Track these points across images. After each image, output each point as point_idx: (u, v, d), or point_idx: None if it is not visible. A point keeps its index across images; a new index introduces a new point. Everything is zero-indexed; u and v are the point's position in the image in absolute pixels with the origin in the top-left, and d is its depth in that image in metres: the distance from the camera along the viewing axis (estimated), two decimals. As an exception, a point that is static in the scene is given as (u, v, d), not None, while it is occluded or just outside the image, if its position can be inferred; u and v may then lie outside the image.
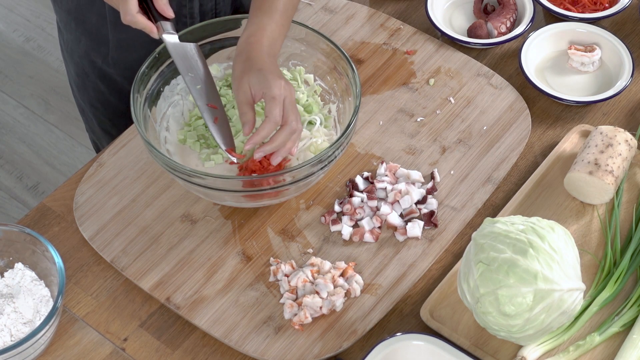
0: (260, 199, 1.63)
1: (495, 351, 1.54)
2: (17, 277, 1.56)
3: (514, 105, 1.82)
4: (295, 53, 1.77)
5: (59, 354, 1.56)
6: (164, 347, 1.57)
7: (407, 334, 1.51)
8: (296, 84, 1.75)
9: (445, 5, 1.98)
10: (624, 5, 1.92)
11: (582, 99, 1.81)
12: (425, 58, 1.89)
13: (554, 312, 1.46)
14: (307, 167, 1.58)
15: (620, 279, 1.58)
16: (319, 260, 1.62)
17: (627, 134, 1.70)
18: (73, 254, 1.66)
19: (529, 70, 1.84)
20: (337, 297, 1.57)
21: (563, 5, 1.94)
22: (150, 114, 1.70)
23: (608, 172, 1.65)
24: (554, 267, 1.45)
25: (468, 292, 1.49)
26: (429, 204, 1.69)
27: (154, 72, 1.70)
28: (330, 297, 1.57)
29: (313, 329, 1.57)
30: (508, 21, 1.92)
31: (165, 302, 1.60)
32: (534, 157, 1.77)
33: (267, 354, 1.55)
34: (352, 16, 1.95)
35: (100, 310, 1.60)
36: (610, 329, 1.54)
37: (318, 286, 1.58)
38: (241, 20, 1.75)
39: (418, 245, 1.66)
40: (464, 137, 1.78)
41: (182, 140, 1.72)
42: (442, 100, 1.83)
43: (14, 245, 1.58)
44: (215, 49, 1.76)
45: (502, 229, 1.49)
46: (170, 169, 1.60)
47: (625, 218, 1.68)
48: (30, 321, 1.53)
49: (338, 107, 1.74)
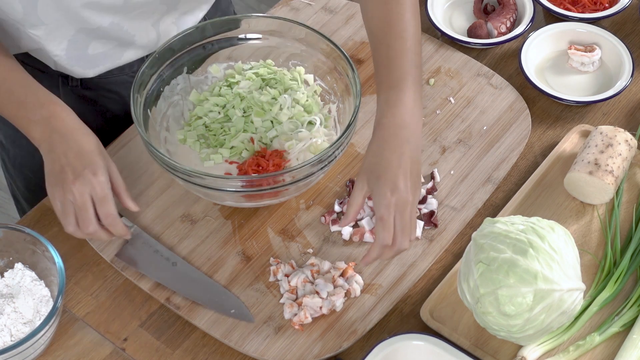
0: (260, 199, 1.63)
1: (495, 351, 1.54)
2: (17, 277, 1.56)
3: (514, 105, 1.82)
4: (295, 53, 1.77)
5: (59, 354, 1.56)
6: (164, 347, 1.57)
7: (407, 334, 1.51)
8: (296, 84, 1.75)
9: (445, 5, 1.98)
10: (624, 5, 1.92)
11: (582, 99, 1.81)
12: (425, 58, 1.89)
13: (554, 312, 1.46)
14: (307, 167, 1.58)
15: (620, 279, 1.58)
16: (319, 260, 1.62)
17: (627, 134, 1.70)
18: (73, 254, 1.66)
19: (529, 70, 1.84)
20: (337, 297, 1.57)
21: (563, 5, 1.94)
22: (150, 114, 1.70)
23: (608, 172, 1.65)
24: (554, 267, 1.45)
25: (468, 292, 1.49)
26: (429, 204, 1.69)
27: (153, 73, 1.70)
28: (330, 297, 1.57)
29: (313, 329, 1.57)
30: (508, 21, 1.92)
31: (165, 302, 1.60)
32: (534, 157, 1.77)
33: (267, 354, 1.55)
34: (352, 16, 1.95)
35: (100, 310, 1.60)
36: (610, 329, 1.54)
37: (318, 286, 1.58)
38: (241, 20, 1.75)
39: (418, 245, 1.66)
40: (464, 137, 1.78)
41: (182, 140, 1.72)
42: (442, 100, 1.83)
43: (14, 245, 1.58)
44: (216, 49, 1.77)
45: (502, 229, 1.49)
46: (170, 169, 1.60)
47: (625, 218, 1.68)
48: (30, 321, 1.53)
49: (338, 107, 1.74)
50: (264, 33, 1.76)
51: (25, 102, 1.55)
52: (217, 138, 1.70)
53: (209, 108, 1.73)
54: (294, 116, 1.71)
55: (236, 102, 1.72)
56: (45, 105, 1.55)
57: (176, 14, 1.75)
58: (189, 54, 1.74)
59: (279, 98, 1.72)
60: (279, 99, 1.72)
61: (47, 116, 1.55)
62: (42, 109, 1.55)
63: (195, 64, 1.77)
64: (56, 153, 1.53)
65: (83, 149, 1.54)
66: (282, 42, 1.77)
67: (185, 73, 1.76)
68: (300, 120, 1.71)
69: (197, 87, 1.77)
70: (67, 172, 1.52)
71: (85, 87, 1.81)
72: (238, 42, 1.77)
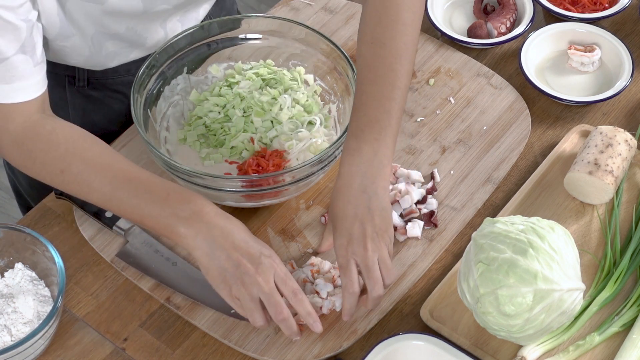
0: (260, 199, 1.63)
1: (495, 351, 1.54)
2: (17, 277, 1.56)
3: (514, 105, 1.82)
4: (295, 53, 1.77)
5: (59, 354, 1.56)
6: (164, 347, 1.57)
7: (407, 334, 1.51)
8: (296, 84, 1.75)
9: (445, 5, 1.98)
10: (624, 5, 1.92)
11: (582, 99, 1.81)
12: (425, 58, 1.89)
13: (553, 312, 1.46)
14: (307, 167, 1.58)
15: (620, 279, 1.58)
16: (319, 260, 1.62)
17: (627, 134, 1.70)
18: (73, 254, 1.66)
19: (529, 70, 1.84)
20: (337, 297, 1.57)
21: (563, 5, 1.94)
22: (150, 114, 1.70)
23: (608, 172, 1.65)
24: (554, 267, 1.45)
25: (468, 292, 1.49)
26: (429, 204, 1.69)
27: (154, 73, 1.70)
28: (330, 297, 1.57)
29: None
30: (508, 21, 1.92)
31: (165, 302, 1.60)
32: (534, 157, 1.77)
33: (267, 354, 1.55)
34: (352, 16, 1.95)
35: (100, 310, 1.60)
36: (610, 329, 1.54)
37: (318, 286, 1.58)
38: (241, 20, 1.75)
39: (418, 245, 1.66)
40: (464, 137, 1.78)
41: (182, 139, 1.72)
42: (442, 100, 1.83)
43: (14, 245, 1.58)
44: (216, 49, 1.77)
45: (502, 229, 1.49)
46: (170, 169, 1.60)
47: (625, 218, 1.68)
48: (30, 321, 1.53)
49: (338, 107, 1.74)
50: (264, 33, 1.76)
51: (168, 199, 1.48)
52: (217, 138, 1.70)
53: (209, 108, 1.73)
54: (294, 116, 1.71)
55: (236, 102, 1.72)
56: (192, 200, 1.48)
57: (182, 12, 1.75)
58: (189, 54, 1.75)
59: (279, 98, 1.72)
60: (279, 99, 1.72)
61: (197, 210, 1.47)
62: (189, 204, 1.47)
63: (196, 64, 1.77)
64: (225, 249, 1.45)
65: (244, 236, 1.47)
66: (282, 42, 1.77)
67: (186, 73, 1.76)
68: (300, 120, 1.71)
69: (197, 87, 1.77)
70: (246, 264, 1.44)
71: (91, 88, 1.81)
72: (238, 42, 1.77)
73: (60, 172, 1.50)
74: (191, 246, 1.47)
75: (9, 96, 1.51)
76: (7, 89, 1.51)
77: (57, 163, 1.51)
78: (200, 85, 1.78)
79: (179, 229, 1.46)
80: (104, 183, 1.49)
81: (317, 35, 1.73)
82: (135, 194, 1.48)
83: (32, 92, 1.53)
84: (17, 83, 1.51)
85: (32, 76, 1.52)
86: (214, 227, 1.46)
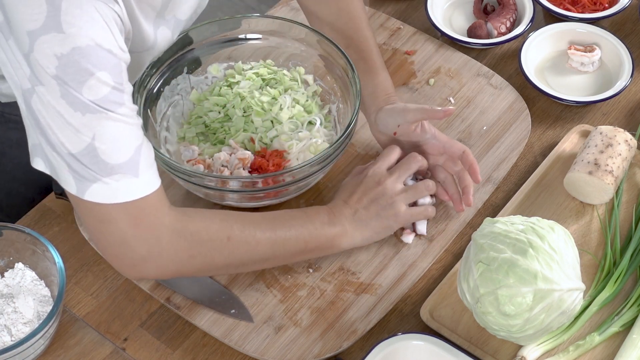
0: (260, 199, 1.63)
1: (495, 351, 1.54)
2: (17, 277, 1.56)
3: (513, 105, 1.82)
4: (295, 53, 1.77)
5: (59, 354, 1.56)
6: (164, 347, 1.57)
7: (407, 334, 1.51)
8: (296, 84, 1.75)
9: (445, 5, 1.98)
10: (623, 5, 1.92)
11: (582, 99, 1.81)
12: (425, 58, 1.89)
13: (553, 312, 1.46)
14: (307, 167, 1.58)
15: (620, 279, 1.58)
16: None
17: (627, 134, 1.70)
18: (73, 254, 1.66)
19: (529, 70, 1.84)
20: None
21: (563, 5, 1.94)
22: (150, 114, 1.70)
23: (608, 172, 1.65)
24: (553, 267, 1.45)
25: (468, 292, 1.49)
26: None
27: (154, 73, 1.70)
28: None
29: (313, 329, 1.57)
30: (508, 21, 1.92)
31: (165, 302, 1.60)
32: (533, 157, 1.77)
33: (267, 354, 1.55)
34: (352, 16, 1.95)
35: (101, 310, 1.60)
36: (610, 328, 1.54)
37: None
38: (241, 20, 1.75)
39: (418, 245, 1.66)
40: (464, 137, 1.78)
41: (182, 138, 1.72)
42: (442, 101, 1.83)
43: (14, 245, 1.58)
44: (216, 49, 1.77)
45: (502, 229, 1.49)
46: (170, 169, 1.60)
47: (625, 218, 1.68)
48: (30, 321, 1.53)
49: (338, 107, 1.75)
50: (264, 33, 1.76)
51: (315, 219, 1.57)
52: (217, 136, 1.70)
53: (209, 108, 1.73)
54: (294, 116, 1.71)
55: (236, 102, 1.72)
56: (320, 209, 1.60)
57: None
58: (189, 54, 1.74)
59: (279, 98, 1.72)
60: (279, 99, 1.72)
61: (328, 211, 1.59)
62: (321, 211, 1.59)
63: (196, 64, 1.77)
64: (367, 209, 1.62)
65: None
66: (282, 42, 1.77)
67: (186, 73, 1.76)
68: (300, 120, 1.71)
69: (197, 87, 1.78)
70: (383, 202, 1.62)
71: None
72: (238, 42, 1.77)
73: (227, 239, 1.50)
74: (348, 236, 1.59)
75: (154, 184, 1.44)
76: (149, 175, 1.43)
77: (220, 233, 1.50)
78: (200, 85, 1.78)
79: (331, 230, 1.58)
80: (265, 229, 1.53)
81: (317, 35, 1.73)
82: (289, 227, 1.55)
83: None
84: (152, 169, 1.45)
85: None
86: (345, 211, 1.60)
